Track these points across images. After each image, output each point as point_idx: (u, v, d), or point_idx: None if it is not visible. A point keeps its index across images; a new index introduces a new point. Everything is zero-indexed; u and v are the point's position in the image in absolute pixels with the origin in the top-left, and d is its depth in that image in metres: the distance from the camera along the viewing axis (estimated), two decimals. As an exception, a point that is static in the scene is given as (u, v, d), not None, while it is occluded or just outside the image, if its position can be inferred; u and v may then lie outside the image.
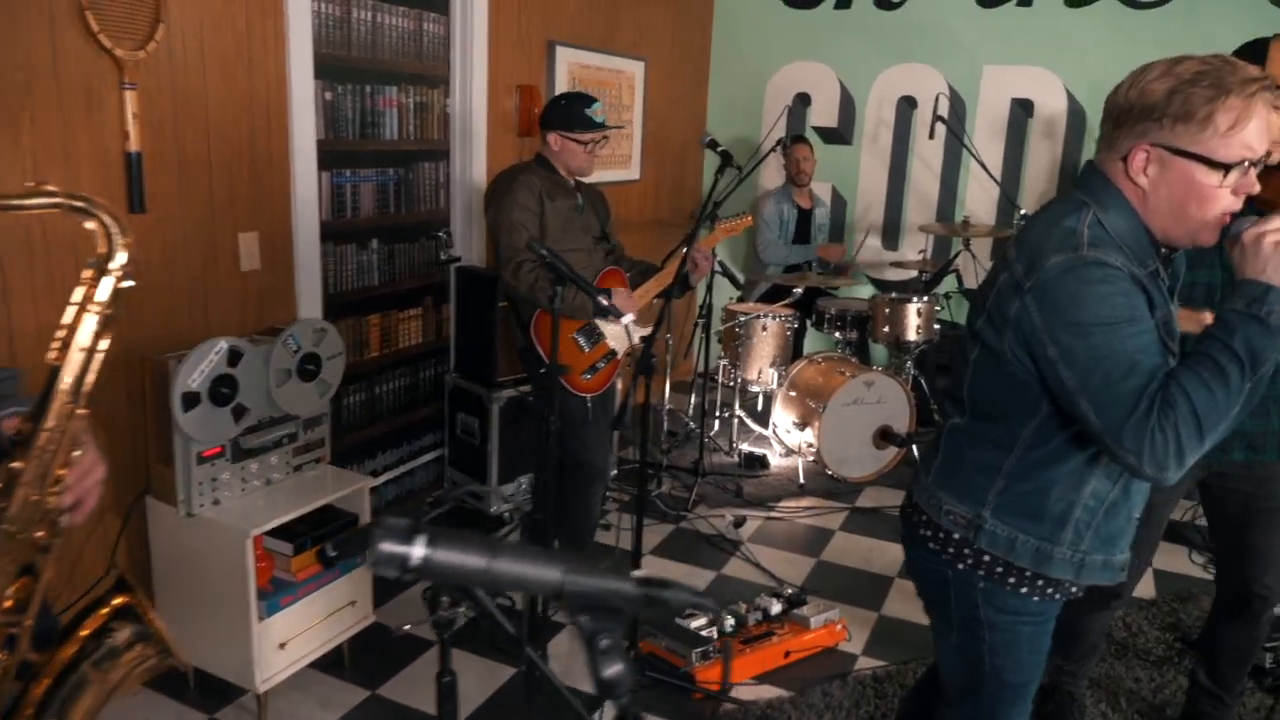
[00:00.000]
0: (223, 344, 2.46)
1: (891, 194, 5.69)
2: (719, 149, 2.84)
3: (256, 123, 2.90)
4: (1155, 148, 1.33)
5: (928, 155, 5.53)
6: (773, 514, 4.15)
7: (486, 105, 3.89)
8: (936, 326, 4.72)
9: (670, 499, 4.22)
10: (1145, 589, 3.58)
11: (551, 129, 3.06)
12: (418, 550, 0.80)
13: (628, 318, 2.99)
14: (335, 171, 3.31)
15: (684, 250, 3.13)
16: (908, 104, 5.51)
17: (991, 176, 5.20)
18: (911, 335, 4.64)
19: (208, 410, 2.44)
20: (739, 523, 4.00)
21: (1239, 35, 2.25)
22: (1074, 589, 1.58)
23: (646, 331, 3.36)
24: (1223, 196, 1.32)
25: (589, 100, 3.08)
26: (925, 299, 4.63)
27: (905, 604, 3.39)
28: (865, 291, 5.66)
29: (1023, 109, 5.28)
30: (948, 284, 5.35)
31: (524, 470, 3.83)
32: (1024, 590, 1.54)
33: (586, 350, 3.12)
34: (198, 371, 2.40)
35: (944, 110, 5.26)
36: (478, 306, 3.78)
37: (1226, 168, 1.29)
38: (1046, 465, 1.47)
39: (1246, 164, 1.30)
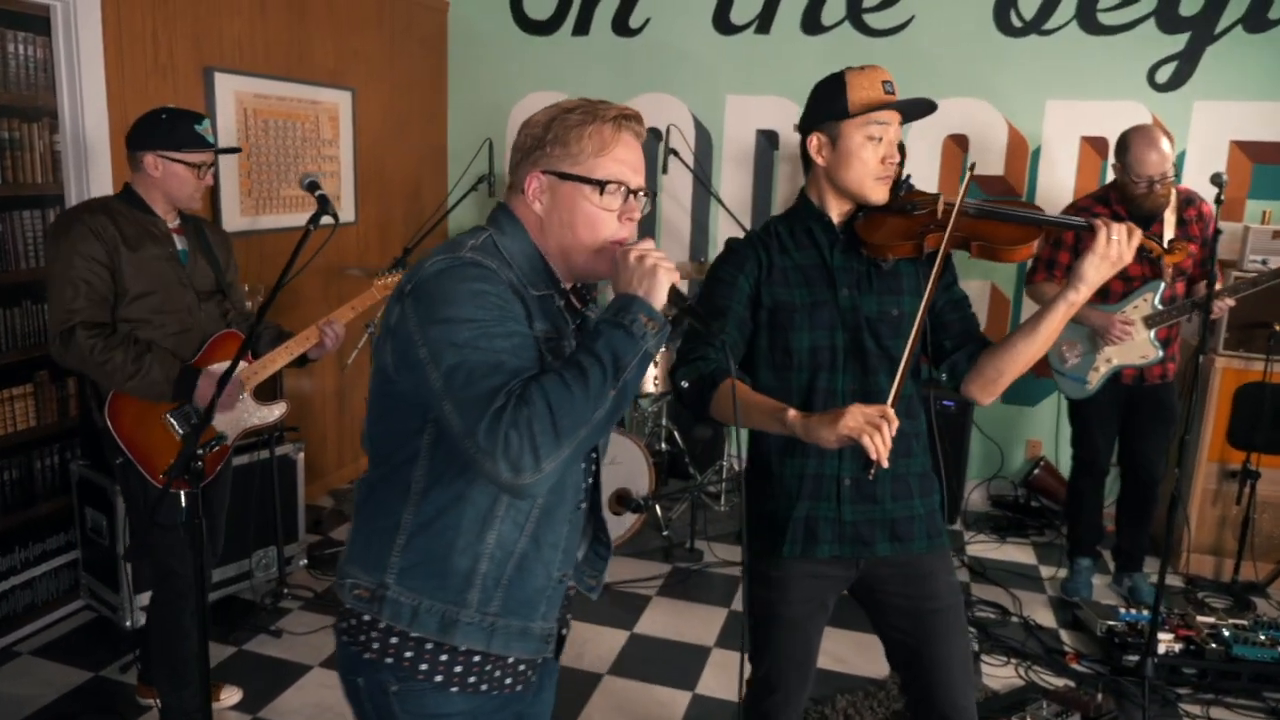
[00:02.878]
0: None
1: (643, 232, 5.35)
2: (317, 193, 2.34)
3: None
4: (545, 174, 1.40)
5: (677, 191, 5.23)
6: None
7: (111, 143, 3.29)
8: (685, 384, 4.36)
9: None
10: (876, 666, 3.26)
11: (149, 149, 2.47)
12: None
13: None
14: None
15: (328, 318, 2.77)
16: (654, 136, 5.20)
17: (730, 213, 4.94)
18: (649, 387, 4.26)
19: None
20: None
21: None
22: (506, 680, 1.42)
23: (278, 412, 2.85)
24: (608, 220, 1.39)
25: (196, 116, 2.55)
26: (664, 347, 4.26)
27: (615, 712, 2.96)
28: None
29: (767, 140, 5.06)
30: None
31: (165, 574, 3.21)
32: (439, 679, 1.37)
33: (181, 435, 2.56)
34: None
35: (677, 142, 4.98)
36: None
37: (602, 185, 1.38)
38: (447, 511, 1.35)
39: (625, 190, 1.40)
